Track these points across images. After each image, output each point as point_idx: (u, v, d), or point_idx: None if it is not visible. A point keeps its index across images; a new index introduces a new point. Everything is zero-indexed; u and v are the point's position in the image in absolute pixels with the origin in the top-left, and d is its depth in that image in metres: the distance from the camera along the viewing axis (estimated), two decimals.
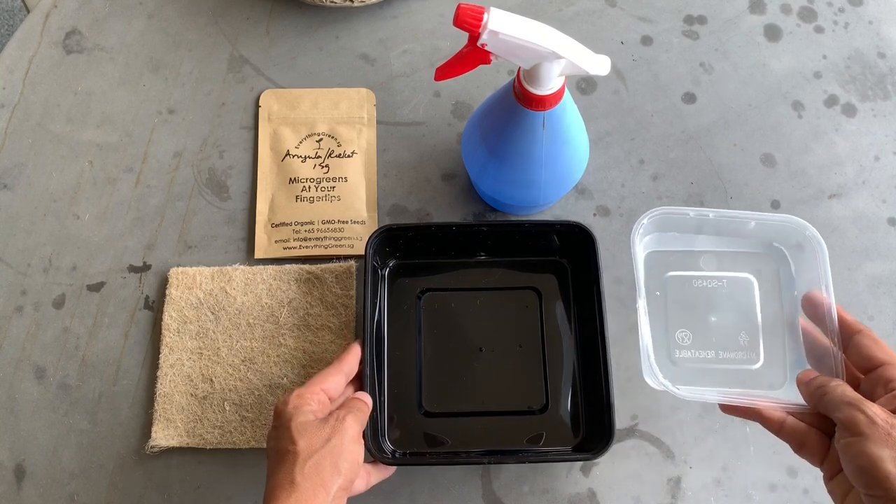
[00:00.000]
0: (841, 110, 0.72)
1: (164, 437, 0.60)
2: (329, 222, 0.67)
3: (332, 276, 0.64)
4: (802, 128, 0.71)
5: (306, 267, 0.65)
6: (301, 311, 0.64)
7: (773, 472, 0.60)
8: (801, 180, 0.69)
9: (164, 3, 0.76)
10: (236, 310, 0.64)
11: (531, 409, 0.60)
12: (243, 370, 0.62)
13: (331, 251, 0.66)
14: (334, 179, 0.69)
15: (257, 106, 0.71)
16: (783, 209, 0.68)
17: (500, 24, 0.47)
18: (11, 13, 1.59)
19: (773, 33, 0.75)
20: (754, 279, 0.57)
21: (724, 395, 0.51)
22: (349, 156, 0.69)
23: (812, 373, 0.49)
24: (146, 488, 0.60)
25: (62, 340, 0.64)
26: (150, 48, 0.74)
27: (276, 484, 0.47)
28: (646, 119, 0.71)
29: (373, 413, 0.56)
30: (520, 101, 0.54)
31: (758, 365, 0.55)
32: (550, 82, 0.51)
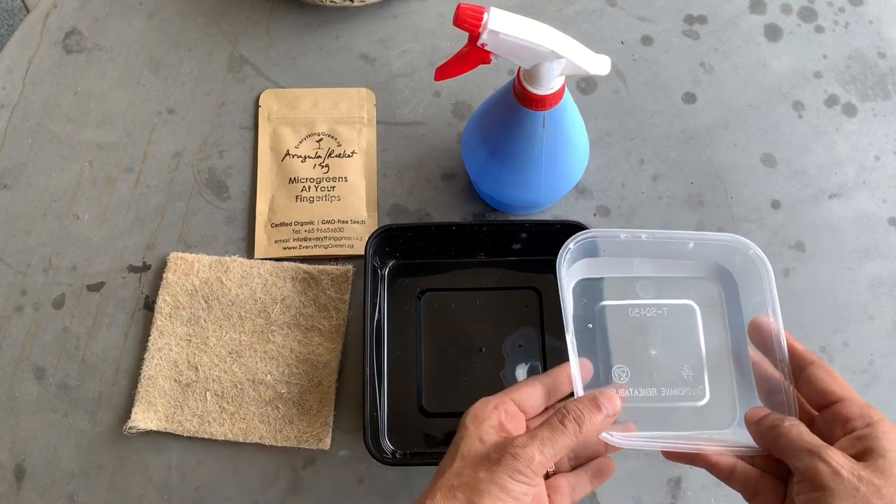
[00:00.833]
0: (841, 110, 0.72)
1: (144, 419, 0.60)
2: (329, 222, 0.67)
3: (328, 278, 0.64)
4: (803, 128, 0.71)
5: (304, 266, 0.65)
6: (293, 310, 0.64)
7: None
8: (801, 180, 0.69)
9: (164, 3, 0.76)
10: (230, 301, 0.64)
11: None
12: (229, 362, 0.62)
13: (331, 251, 0.66)
14: (334, 179, 0.68)
15: (257, 106, 0.71)
16: (783, 209, 0.68)
17: (500, 24, 0.47)
18: (11, 13, 1.59)
19: (773, 33, 0.75)
20: (696, 306, 0.51)
21: (665, 441, 0.45)
22: (349, 156, 0.69)
23: (763, 410, 0.44)
24: (146, 488, 0.60)
25: (62, 340, 0.64)
26: (150, 48, 0.74)
27: (420, 500, 0.43)
28: (646, 119, 0.71)
29: (373, 413, 0.56)
30: (520, 101, 0.54)
31: (703, 402, 0.49)
32: (551, 82, 0.51)
